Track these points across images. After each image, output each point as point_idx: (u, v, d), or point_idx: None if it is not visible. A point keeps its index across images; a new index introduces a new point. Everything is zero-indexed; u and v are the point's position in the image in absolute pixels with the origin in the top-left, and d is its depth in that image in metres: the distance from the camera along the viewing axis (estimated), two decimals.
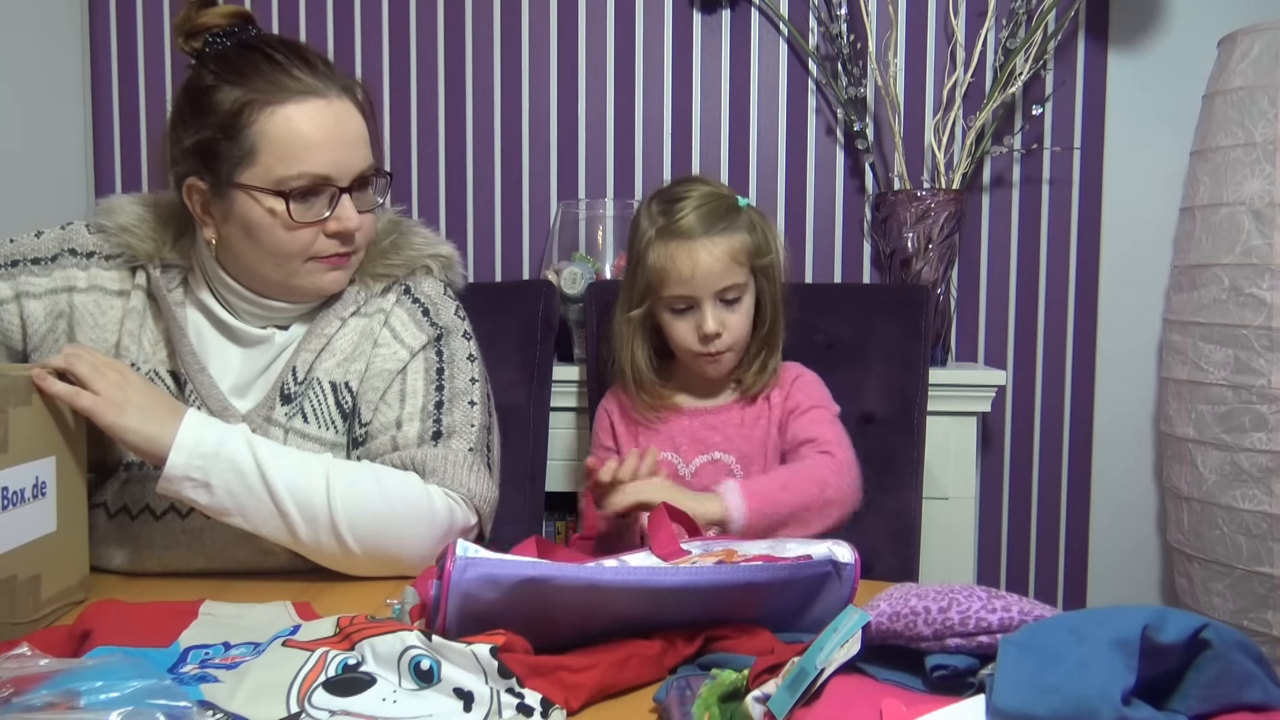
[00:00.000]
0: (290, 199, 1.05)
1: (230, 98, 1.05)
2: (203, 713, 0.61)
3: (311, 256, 1.10)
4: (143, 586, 1.05)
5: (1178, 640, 0.57)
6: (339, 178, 1.07)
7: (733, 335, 1.33)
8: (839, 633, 0.65)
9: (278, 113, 1.05)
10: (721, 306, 1.32)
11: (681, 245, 1.30)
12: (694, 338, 1.33)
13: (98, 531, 1.09)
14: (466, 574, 0.73)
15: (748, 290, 1.34)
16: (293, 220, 1.06)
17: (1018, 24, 1.98)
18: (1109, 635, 0.57)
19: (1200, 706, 0.58)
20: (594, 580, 0.75)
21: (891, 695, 0.61)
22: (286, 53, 1.08)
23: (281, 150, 1.05)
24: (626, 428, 1.42)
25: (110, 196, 1.20)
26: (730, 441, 1.38)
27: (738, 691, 0.70)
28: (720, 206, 1.32)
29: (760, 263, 1.34)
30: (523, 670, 0.70)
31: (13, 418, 0.85)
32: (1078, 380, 2.15)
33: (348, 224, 1.08)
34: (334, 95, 1.08)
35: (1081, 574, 2.17)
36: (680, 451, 1.39)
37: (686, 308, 1.33)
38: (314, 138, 1.05)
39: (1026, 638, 0.60)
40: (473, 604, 0.73)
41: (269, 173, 1.05)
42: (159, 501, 1.09)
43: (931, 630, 0.63)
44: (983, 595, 0.65)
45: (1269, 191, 1.76)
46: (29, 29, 1.93)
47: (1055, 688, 0.56)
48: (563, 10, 2.11)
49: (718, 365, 1.36)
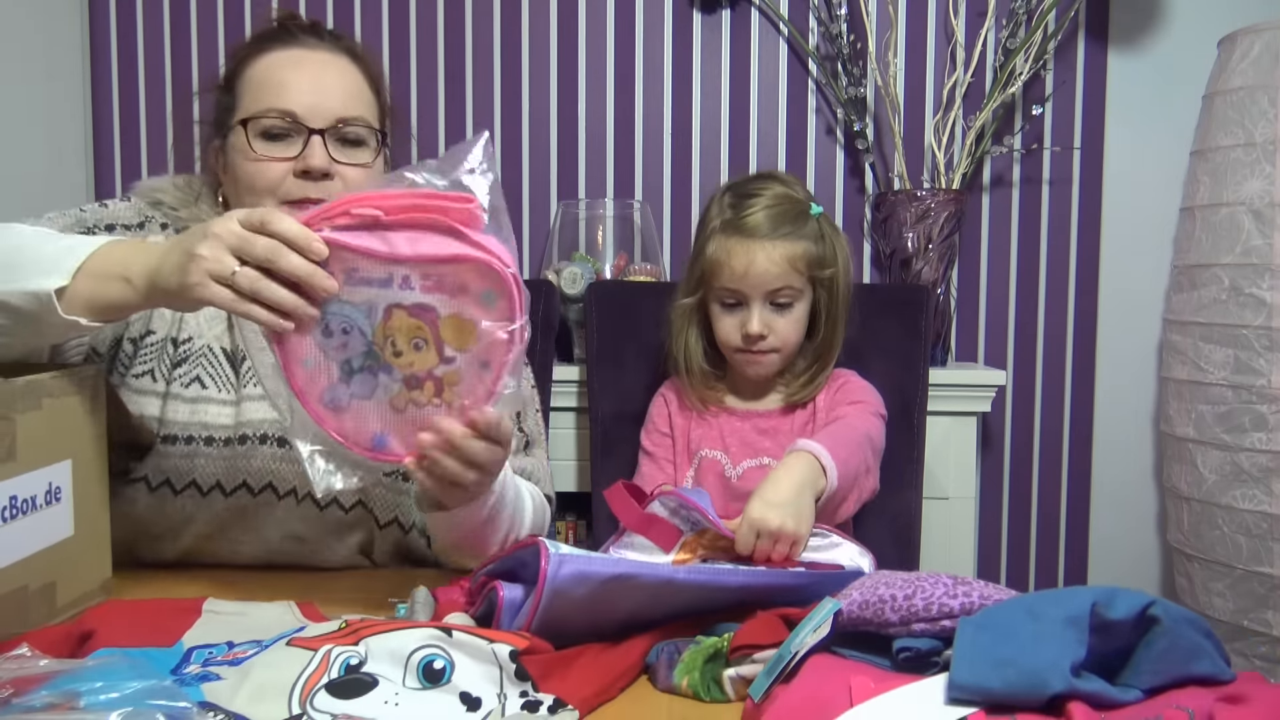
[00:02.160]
0: (251, 130, 1.07)
1: (236, 58, 1.13)
2: (203, 713, 0.61)
3: (283, 200, 1.08)
4: (145, 584, 1.05)
5: (1126, 616, 0.61)
6: (308, 117, 1.07)
7: (779, 339, 1.33)
8: (813, 620, 0.70)
9: (261, 59, 1.11)
10: (771, 309, 1.32)
11: (741, 243, 1.31)
12: (737, 335, 1.34)
13: (138, 506, 1.08)
14: (561, 570, 0.73)
15: (802, 298, 1.33)
16: (252, 150, 1.07)
17: (1018, 24, 1.98)
18: (1061, 613, 0.61)
19: (1152, 680, 0.62)
20: (671, 578, 0.78)
21: (861, 672, 0.65)
22: (301, 25, 1.14)
23: (255, 88, 1.09)
24: (684, 418, 1.43)
25: (147, 179, 1.20)
26: (780, 448, 1.34)
27: (720, 653, 0.75)
28: (790, 211, 1.32)
29: (820, 274, 1.33)
30: (540, 671, 0.70)
31: (20, 424, 0.83)
32: (1078, 380, 2.15)
33: (309, 162, 1.07)
34: (325, 50, 1.12)
35: (1081, 574, 2.17)
36: (730, 453, 1.38)
37: (735, 303, 1.34)
38: (285, 77, 1.09)
39: (983, 618, 0.64)
40: (561, 601, 0.74)
41: (245, 111, 1.09)
42: (206, 477, 1.09)
43: (898, 616, 0.68)
44: (947, 582, 0.69)
45: (1269, 191, 1.76)
46: (29, 28, 1.93)
47: (1009, 661, 0.59)
48: (563, 10, 2.11)
49: (759, 367, 1.36)
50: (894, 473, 1.58)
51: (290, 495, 1.10)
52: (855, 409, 1.34)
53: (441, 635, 0.70)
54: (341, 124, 1.09)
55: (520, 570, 0.79)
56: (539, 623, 0.75)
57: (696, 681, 0.73)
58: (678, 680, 0.74)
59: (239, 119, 1.09)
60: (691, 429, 1.41)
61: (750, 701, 0.67)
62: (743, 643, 0.74)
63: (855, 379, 1.41)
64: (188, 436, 1.09)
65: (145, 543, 1.11)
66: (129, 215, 1.13)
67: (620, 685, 0.74)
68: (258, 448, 1.10)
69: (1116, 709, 0.60)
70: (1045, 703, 0.59)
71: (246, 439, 1.10)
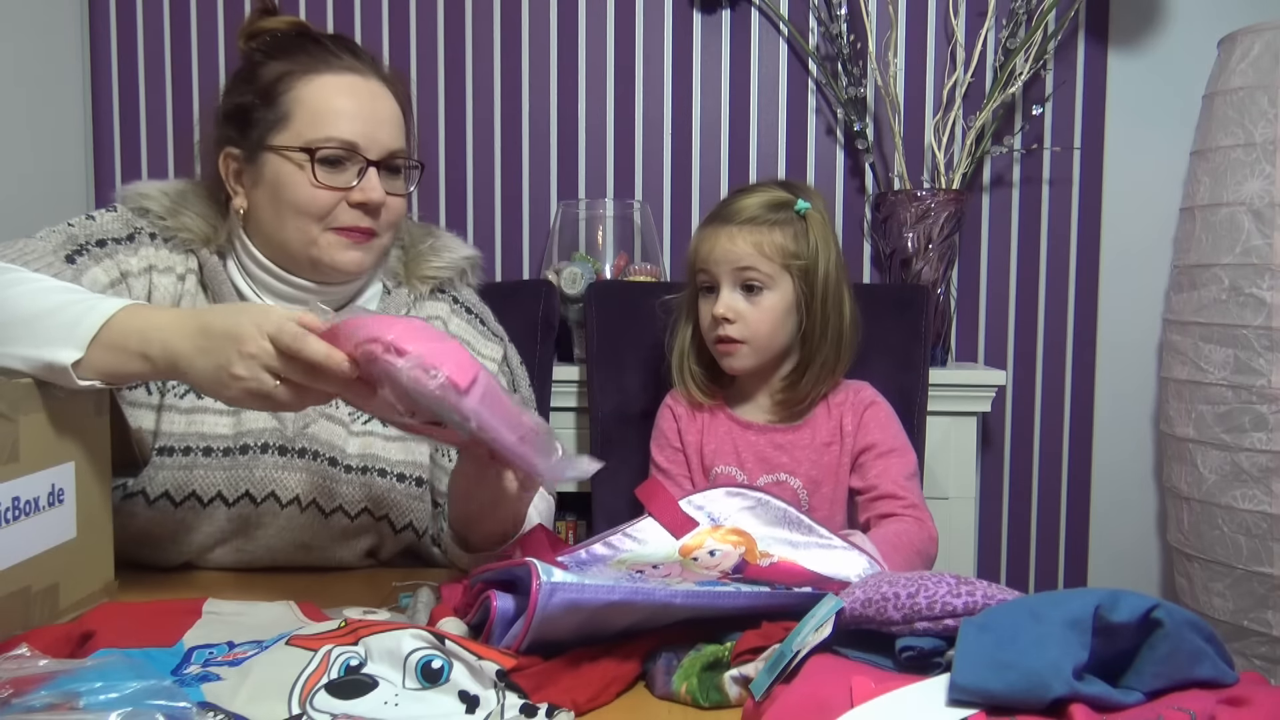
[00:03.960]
0: (316, 158, 1.08)
1: (273, 70, 1.11)
2: (202, 714, 0.61)
3: (332, 225, 1.10)
4: (146, 585, 1.05)
5: (1130, 619, 0.61)
6: (367, 148, 1.09)
7: (748, 328, 1.29)
8: (815, 618, 0.69)
9: (314, 81, 1.10)
10: (740, 293, 1.29)
11: (716, 228, 1.30)
12: (709, 320, 1.32)
13: (138, 519, 1.08)
14: (552, 599, 0.72)
15: (775, 285, 1.29)
16: (317, 180, 1.08)
17: (1018, 24, 1.98)
18: (1063, 615, 0.61)
19: (1154, 683, 0.62)
20: (668, 602, 0.76)
21: (862, 673, 0.65)
22: (331, 40, 1.14)
23: (312, 115, 1.09)
24: (695, 433, 1.37)
25: (136, 183, 1.19)
26: (798, 465, 1.33)
27: (719, 662, 0.74)
28: (772, 203, 1.30)
29: (796, 264, 1.29)
30: (532, 685, 0.70)
31: (23, 426, 0.83)
32: (1078, 380, 2.15)
33: (371, 195, 1.09)
34: (372, 77, 1.12)
35: (1081, 574, 2.18)
36: (745, 469, 1.34)
37: (711, 288, 1.32)
38: (345, 106, 1.09)
39: (986, 619, 0.63)
40: (551, 625, 0.73)
41: (299, 136, 1.09)
42: (206, 488, 1.09)
43: (901, 614, 0.67)
44: (950, 581, 0.68)
45: (1269, 191, 1.76)
46: (29, 29, 1.92)
47: (1011, 664, 0.59)
48: (563, 10, 2.11)
49: (731, 358, 1.32)
50: None
51: (294, 504, 1.10)
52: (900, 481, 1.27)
53: (433, 639, 0.70)
54: (392, 156, 1.12)
55: (518, 581, 0.78)
56: (529, 644, 0.74)
57: (695, 688, 0.72)
58: (676, 687, 0.73)
59: (291, 144, 1.08)
60: (704, 443, 1.37)
61: (751, 701, 0.67)
62: (745, 648, 0.74)
63: (880, 405, 1.35)
64: (185, 447, 1.09)
65: (147, 553, 1.10)
66: (117, 228, 1.12)
67: (615, 690, 0.74)
68: (259, 457, 1.10)
69: (1118, 711, 0.59)
70: (1047, 705, 0.59)
71: (248, 449, 1.10)
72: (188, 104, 2.14)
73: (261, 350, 0.80)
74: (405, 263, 1.24)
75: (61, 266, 1.03)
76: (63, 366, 0.84)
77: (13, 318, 0.87)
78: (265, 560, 1.11)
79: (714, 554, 0.90)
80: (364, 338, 0.79)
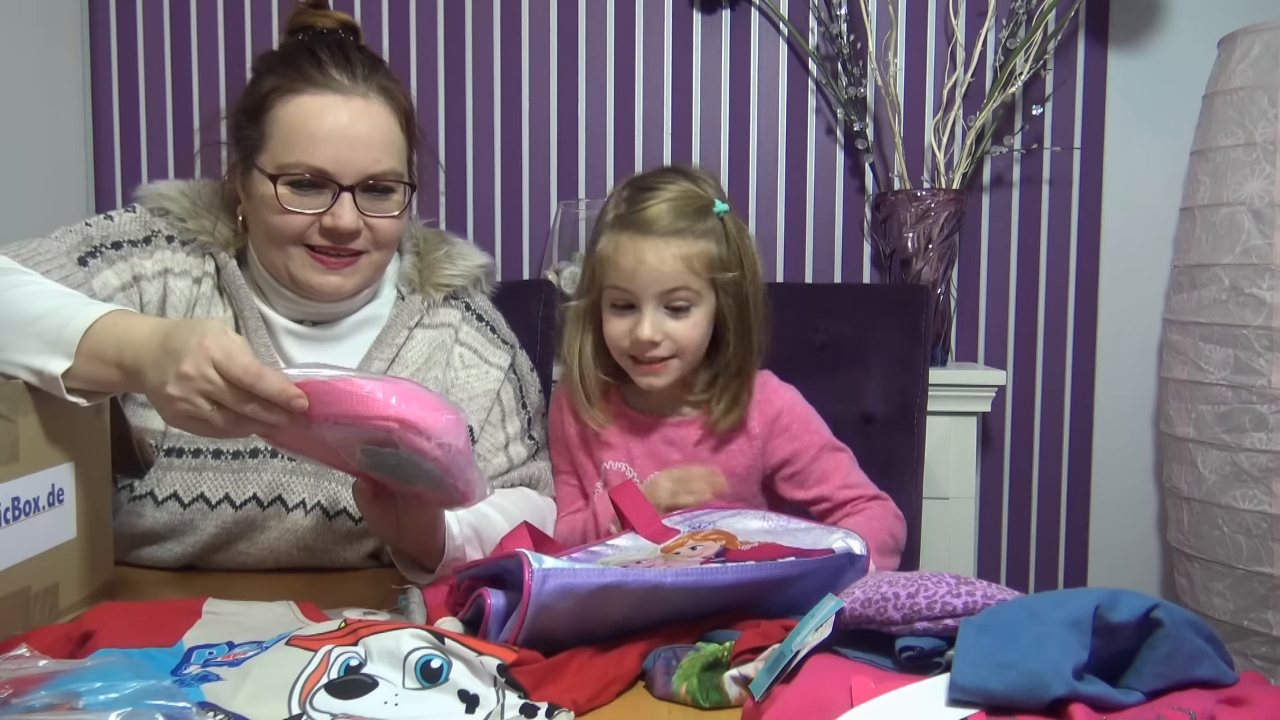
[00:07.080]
0: (279, 183, 1.05)
1: (265, 85, 1.08)
2: (202, 714, 0.61)
3: (307, 242, 1.08)
4: (146, 586, 1.05)
5: (1130, 619, 0.61)
6: (339, 174, 1.06)
7: (676, 346, 1.16)
8: (815, 618, 0.69)
9: (291, 102, 1.06)
10: (665, 313, 1.15)
11: (633, 239, 1.14)
12: (627, 340, 1.17)
13: (144, 520, 1.08)
14: (546, 585, 0.72)
15: (701, 302, 1.17)
16: (280, 206, 1.06)
17: (1018, 24, 1.98)
18: (1063, 615, 0.61)
19: (1154, 683, 0.62)
20: (658, 582, 0.77)
21: (862, 673, 0.65)
22: (331, 51, 1.09)
23: (285, 138, 1.06)
24: (580, 426, 1.25)
25: (157, 182, 1.18)
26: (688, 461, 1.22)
27: (719, 662, 0.74)
28: (690, 207, 1.16)
29: (722, 277, 1.16)
30: (533, 682, 0.70)
31: (23, 426, 0.83)
32: (1078, 380, 2.15)
33: (339, 222, 1.06)
34: (358, 95, 1.07)
35: (1081, 574, 2.18)
36: (635, 464, 1.24)
37: (627, 305, 1.17)
38: (316, 130, 1.05)
39: (986, 619, 0.63)
40: (547, 614, 0.73)
41: (274, 158, 1.06)
42: (214, 490, 1.09)
43: (901, 614, 0.67)
44: (950, 581, 0.68)
45: (1269, 191, 1.76)
46: (29, 28, 1.92)
47: (1011, 664, 0.59)
48: (563, 10, 2.11)
49: (654, 377, 1.18)
50: (894, 473, 1.58)
51: (299, 507, 1.10)
52: (842, 474, 1.22)
53: (432, 638, 0.70)
54: (374, 179, 1.08)
55: (507, 575, 0.78)
56: (525, 636, 0.74)
57: (695, 688, 0.72)
58: (675, 687, 0.73)
59: (266, 167, 1.06)
60: (592, 449, 1.25)
61: (750, 701, 0.67)
62: (745, 648, 0.74)
63: (786, 396, 1.25)
64: (195, 449, 1.09)
65: (149, 552, 1.10)
66: (134, 230, 1.12)
67: (614, 690, 0.74)
68: (269, 461, 1.10)
69: (1118, 711, 0.59)
70: (1047, 705, 0.59)
71: (258, 452, 1.10)
72: (188, 104, 2.14)
73: (199, 373, 0.77)
74: (420, 269, 1.22)
75: (73, 268, 1.03)
76: (53, 376, 0.84)
77: (3, 323, 0.87)
78: (268, 562, 1.11)
79: (695, 549, 0.90)
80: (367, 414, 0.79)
